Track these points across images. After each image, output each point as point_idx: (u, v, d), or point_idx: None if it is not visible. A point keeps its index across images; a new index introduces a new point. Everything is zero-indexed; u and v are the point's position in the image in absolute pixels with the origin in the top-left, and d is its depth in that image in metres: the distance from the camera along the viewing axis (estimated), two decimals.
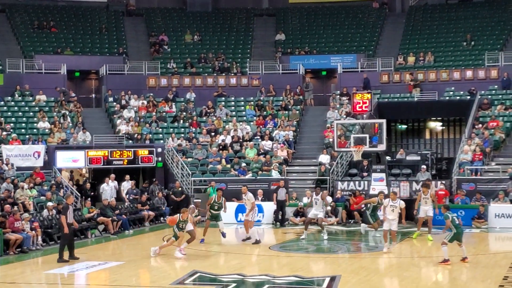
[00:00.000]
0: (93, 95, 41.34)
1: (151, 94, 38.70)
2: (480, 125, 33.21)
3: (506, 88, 36.89)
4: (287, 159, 33.05)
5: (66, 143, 33.06)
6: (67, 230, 19.19)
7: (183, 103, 38.08)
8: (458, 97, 37.13)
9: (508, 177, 27.98)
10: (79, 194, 29.15)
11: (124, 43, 43.61)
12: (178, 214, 20.43)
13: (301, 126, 37.02)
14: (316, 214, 23.86)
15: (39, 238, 22.08)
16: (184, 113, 37.17)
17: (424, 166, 30.01)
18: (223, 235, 22.59)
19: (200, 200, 26.36)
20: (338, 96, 38.28)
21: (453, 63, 40.17)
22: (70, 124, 34.97)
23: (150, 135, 34.59)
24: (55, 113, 35.56)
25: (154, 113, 36.92)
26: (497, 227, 26.22)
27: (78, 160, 31.64)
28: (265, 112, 37.33)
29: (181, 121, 36.72)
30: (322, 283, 15.62)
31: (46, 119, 34.75)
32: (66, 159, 31.71)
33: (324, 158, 32.06)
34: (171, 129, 35.81)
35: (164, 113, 37.05)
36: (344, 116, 35.29)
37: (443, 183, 28.59)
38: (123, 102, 37.45)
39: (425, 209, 23.39)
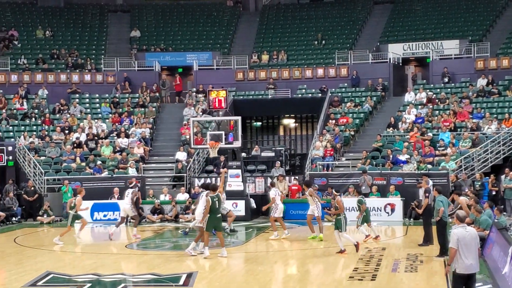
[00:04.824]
0: None
1: (1, 91, 37.39)
2: (331, 122, 34.35)
3: (355, 86, 38.33)
4: (143, 156, 32.87)
5: None
6: None
7: (35, 100, 37.01)
8: (310, 95, 38.21)
9: (361, 171, 28.80)
10: None
11: None
12: None
13: (158, 123, 36.93)
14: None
15: None
16: (37, 110, 36.16)
17: (278, 162, 30.69)
18: None
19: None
20: (195, 93, 38.45)
21: (305, 61, 41.32)
22: None
23: (0, 133, 33.39)
24: None
25: (4, 111, 35.69)
26: (348, 220, 27.07)
27: None
28: (121, 110, 36.93)
29: (33, 118, 35.72)
30: (179, 280, 15.69)
31: None
32: None
33: (181, 155, 32.15)
34: (23, 127, 34.76)
35: (14, 110, 35.89)
36: (201, 113, 35.53)
37: (296, 178, 29.39)
38: None
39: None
